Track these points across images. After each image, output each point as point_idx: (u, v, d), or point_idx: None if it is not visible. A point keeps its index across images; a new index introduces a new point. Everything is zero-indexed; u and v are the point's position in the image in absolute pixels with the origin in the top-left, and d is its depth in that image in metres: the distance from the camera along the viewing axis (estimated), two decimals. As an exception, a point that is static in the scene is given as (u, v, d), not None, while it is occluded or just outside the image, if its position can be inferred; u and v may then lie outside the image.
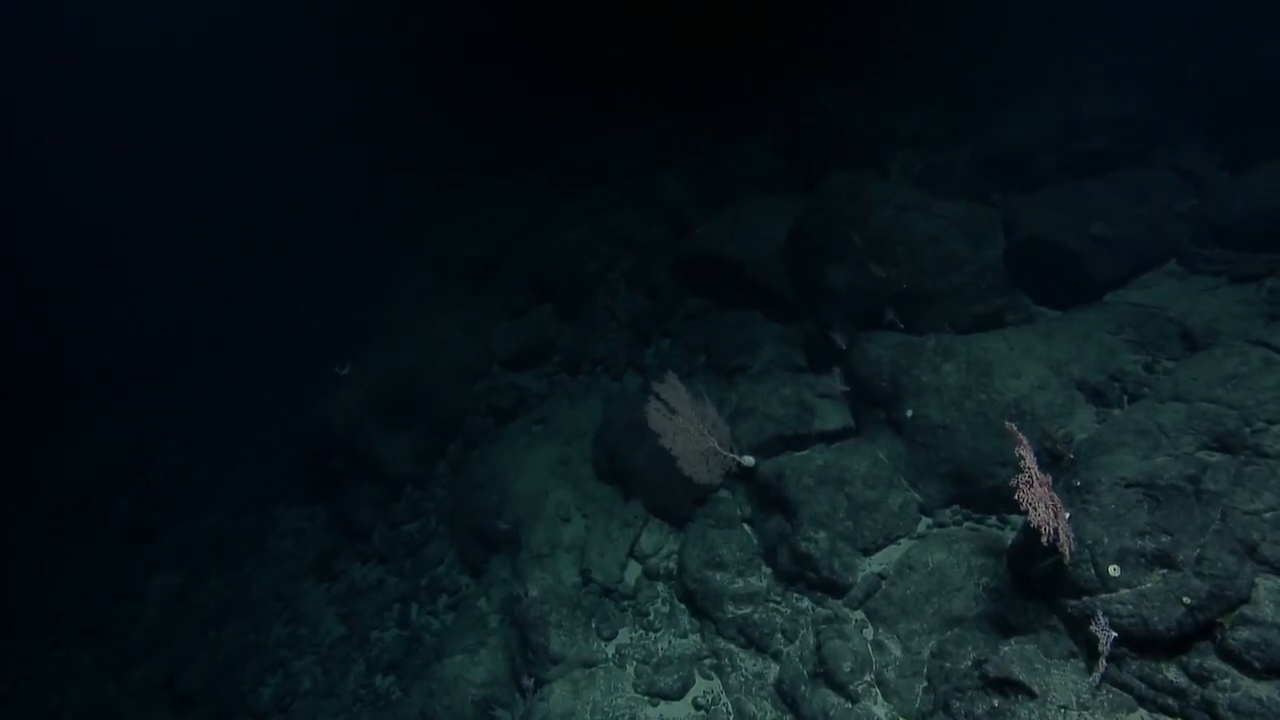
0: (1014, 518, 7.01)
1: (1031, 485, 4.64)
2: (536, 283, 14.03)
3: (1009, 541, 6.58)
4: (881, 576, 6.99)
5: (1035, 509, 4.55)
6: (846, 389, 8.43)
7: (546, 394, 12.67)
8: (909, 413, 7.58)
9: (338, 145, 18.37)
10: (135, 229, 19.15)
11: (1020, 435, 4.96)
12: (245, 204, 19.71)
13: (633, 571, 9.10)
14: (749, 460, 8.24)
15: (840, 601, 7.12)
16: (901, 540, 7.34)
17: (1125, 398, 6.85)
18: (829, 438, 8.40)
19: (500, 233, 14.91)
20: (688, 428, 7.80)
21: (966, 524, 7.20)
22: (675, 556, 8.86)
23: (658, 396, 7.87)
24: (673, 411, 7.82)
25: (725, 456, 8.01)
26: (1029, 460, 4.77)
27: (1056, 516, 4.60)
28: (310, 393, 14.80)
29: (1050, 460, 6.38)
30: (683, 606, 8.43)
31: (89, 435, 15.81)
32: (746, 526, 8.42)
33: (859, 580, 7.11)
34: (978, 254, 8.90)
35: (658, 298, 12.99)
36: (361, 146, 18.25)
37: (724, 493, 8.65)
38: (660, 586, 8.76)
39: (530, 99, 17.65)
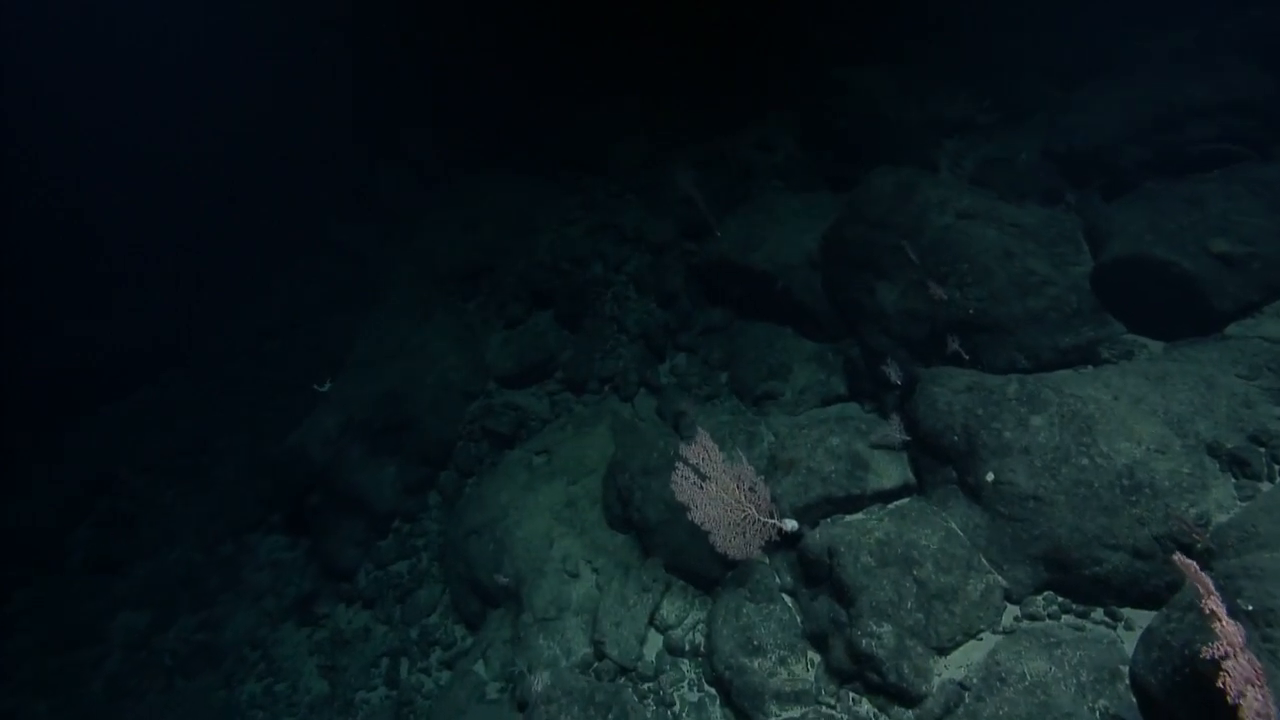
0: (1128, 613, 5.73)
1: (1233, 657, 3.32)
2: (534, 287, 12.61)
3: (1127, 651, 5.31)
4: (964, 687, 5.71)
5: (1245, 698, 3.23)
6: (907, 438, 7.07)
7: (549, 417, 11.33)
8: (989, 476, 6.25)
9: (316, 137, 16.76)
10: (95, 231, 17.58)
11: (1198, 575, 3.61)
12: (213, 203, 18.11)
13: (653, 645, 7.84)
14: (791, 524, 6.93)
15: (912, 715, 5.85)
16: (983, 634, 6.06)
17: (1276, 466, 5.52)
18: (886, 497, 7.08)
19: (493, 231, 13.44)
20: (722, 495, 6.46)
21: (1065, 618, 5.90)
22: (702, 628, 7.61)
23: (686, 462, 6.52)
24: (703, 478, 6.48)
25: (765, 524, 6.69)
26: (1224, 623, 3.43)
27: (1264, 696, 3.28)
28: (286, 411, 13.50)
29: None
30: (713, 692, 7.18)
31: (47, 457, 14.47)
32: (787, 598, 7.15)
33: (934, 689, 5.83)
34: (1060, 273, 7.51)
35: (671, 306, 11.61)
36: (342, 136, 16.65)
37: (760, 556, 7.35)
38: (686, 666, 7.51)
39: (521, 80, 16.03)
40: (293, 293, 16.74)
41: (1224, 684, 3.30)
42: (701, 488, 6.41)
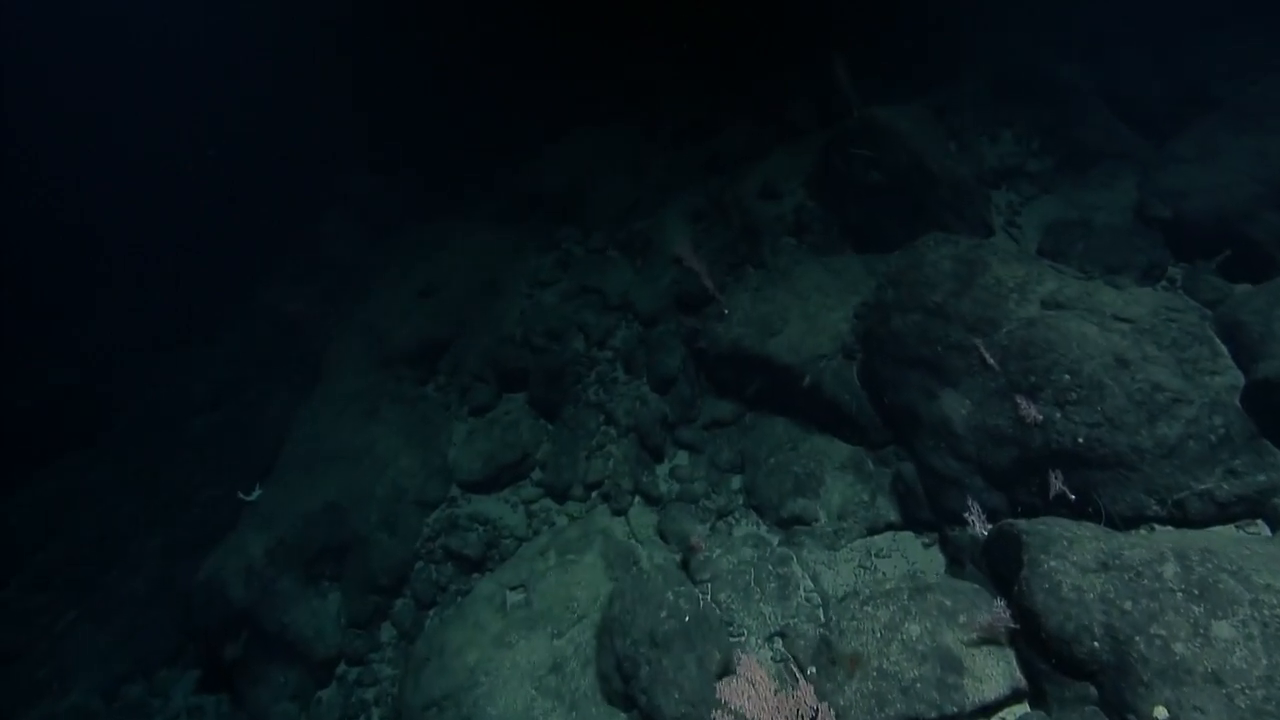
0: None
1: None
2: (503, 367, 10.62)
3: None
4: None
5: None
6: (1014, 626, 5.20)
7: (525, 535, 9.33)
8: (1160, 713, 4.38)
9: (247, 181, 14.61)
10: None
11: None
12: (143, 255, 15.84)
13: None
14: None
15: None
16: None
17: None
18: (990, 710, 5.20)
19: (453, 297, 11.44)
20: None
21: None
22: None
23: (727, 709, 4.58)
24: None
25: (832, 769, 4.78)
26: None
27: None
28: (208, 515, 11.35)
29: None
30: None
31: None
32: None
33: None
34: (1195, 387, 5.72)
35: (668, 392, 9.70)
36: (277, 180, 14.52)
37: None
38: None
39: (477, 104, 14.11)
40: (226, 360, 14.53)
41: None
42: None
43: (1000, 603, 5.16)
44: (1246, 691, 4.17)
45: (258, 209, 14.66)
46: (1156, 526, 5.52)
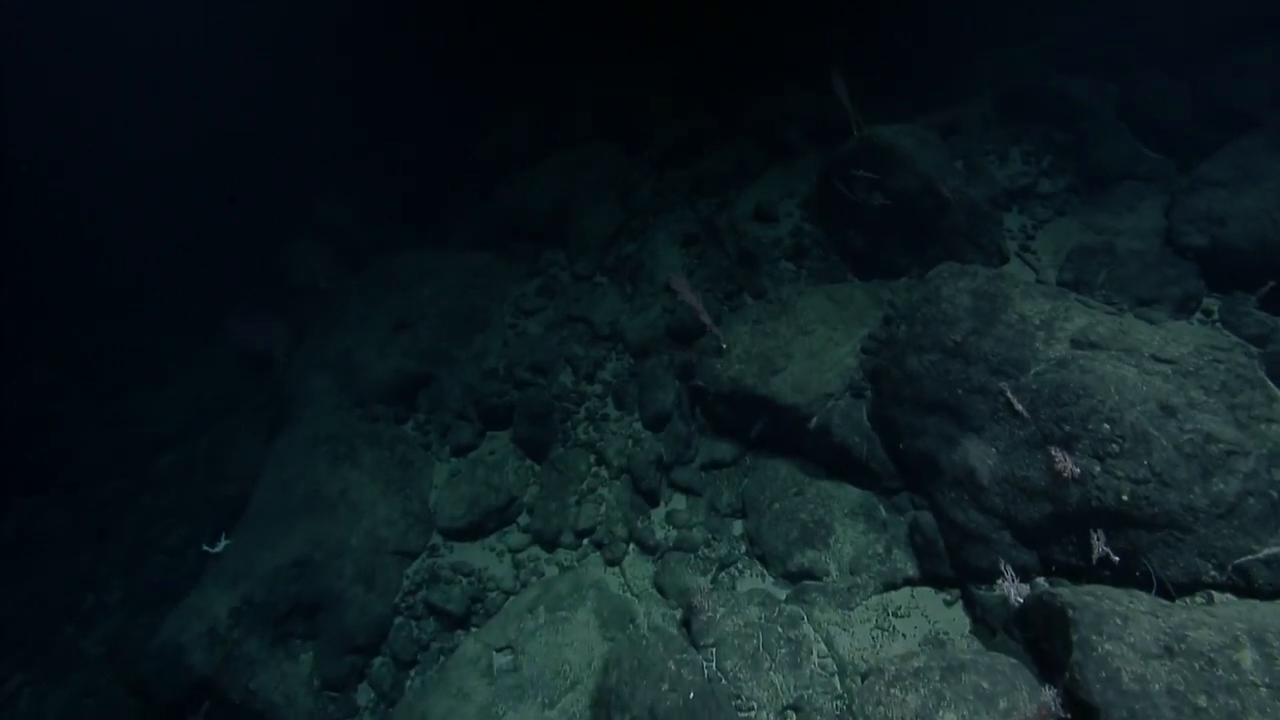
0: None
1: None
2: (486, 404, 9.99)
3: None
4: None
5: None
6: (1066, 716, 4.63)
7: (512, 587, 8.68)
8: (1245, 830, 3.83)
9: (217, 204, 13.89)
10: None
11: None
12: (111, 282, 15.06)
13: None
14: None
15: None
16: None
17: None
18: (1040, 809, 4.61)
19: (432, 329, 10.79)
20: None
21: None
22: None
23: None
24: None
25: None
26: None
27: None
28: (171, 566, 10.62)
29: None
30: None
31: None
32: None
33: None
34: (1249, 435, 5.21)
35: (662, 430, 9.11)
36: (241, 208, 13.81)
37: None
38: None
39: (457, 129, 13.54)
40: (191, 395, 13.76)
41: None
42: None
43: (1051, 691, 4.59)
44: (1349, 809, 3.62)
45: (224, 235, 13.94)
46: (1215, 595, 4.99)
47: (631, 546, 8.50)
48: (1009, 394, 5.83)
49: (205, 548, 9.42)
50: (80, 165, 15.81)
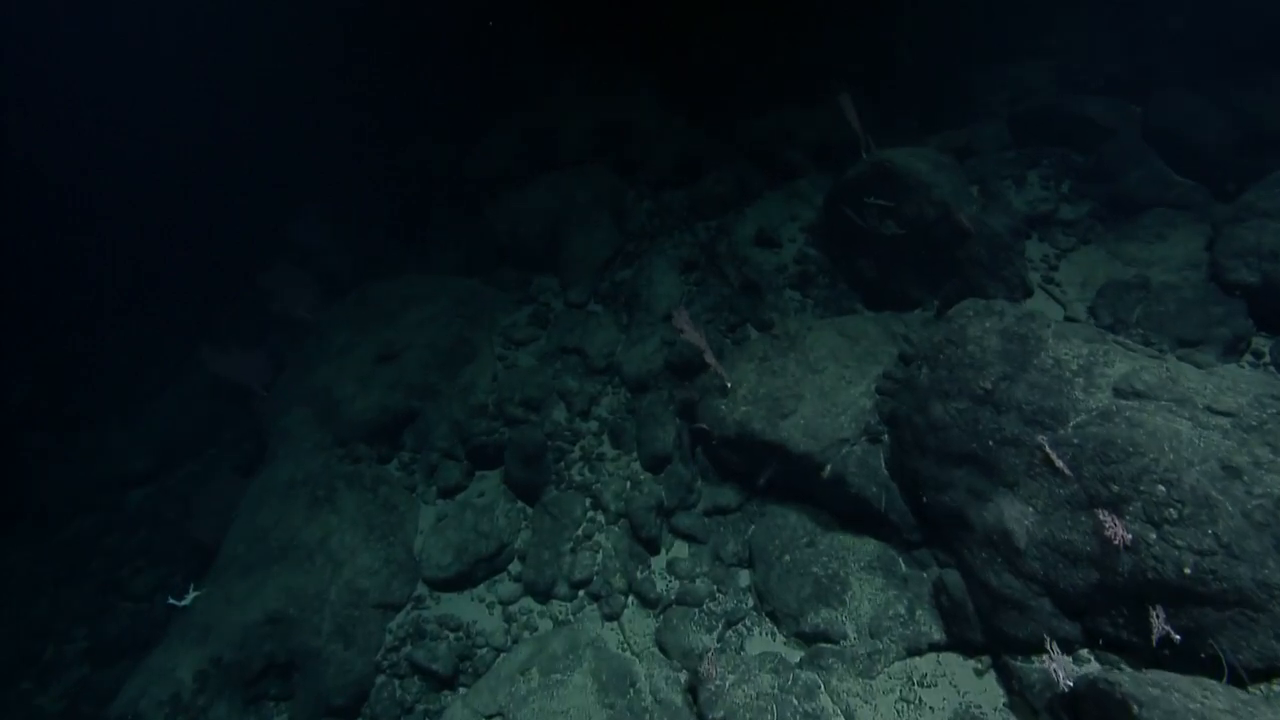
0: None
1: None
2: (474, 442, 9.41)
3: None
4: None
5: None
6: (1129, 829, 4.10)
7: (502, 644, 8.07)
8: None
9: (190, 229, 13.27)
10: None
11: None
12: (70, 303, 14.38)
13: None
14: None
15: None
16: None
17: None
18: None
19: (417, 357, 10.21)
20: None
21: None
22: None
23: None
24: None
25: None
26: None
27: None
28: (135, 619, 9.96)
29: None
30: None
31: None
32: None
33: None
34: (1318, 502, 4.69)
35: (662, 473, 8.55)
36: (216, 231, 13.18)
37: None
38: None
39: (442, 149, 13.00)
40: (166, 426, 13.07)
41: None
42: None
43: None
44: None
45: (200, 257, 13.31)
46: (1293, 683, 4.47)
47: (631, 599, 7.93)
48: (1047, 448, 5.32)
49: (172, 601, 8.77)
50: (53, 183, 15.19)
